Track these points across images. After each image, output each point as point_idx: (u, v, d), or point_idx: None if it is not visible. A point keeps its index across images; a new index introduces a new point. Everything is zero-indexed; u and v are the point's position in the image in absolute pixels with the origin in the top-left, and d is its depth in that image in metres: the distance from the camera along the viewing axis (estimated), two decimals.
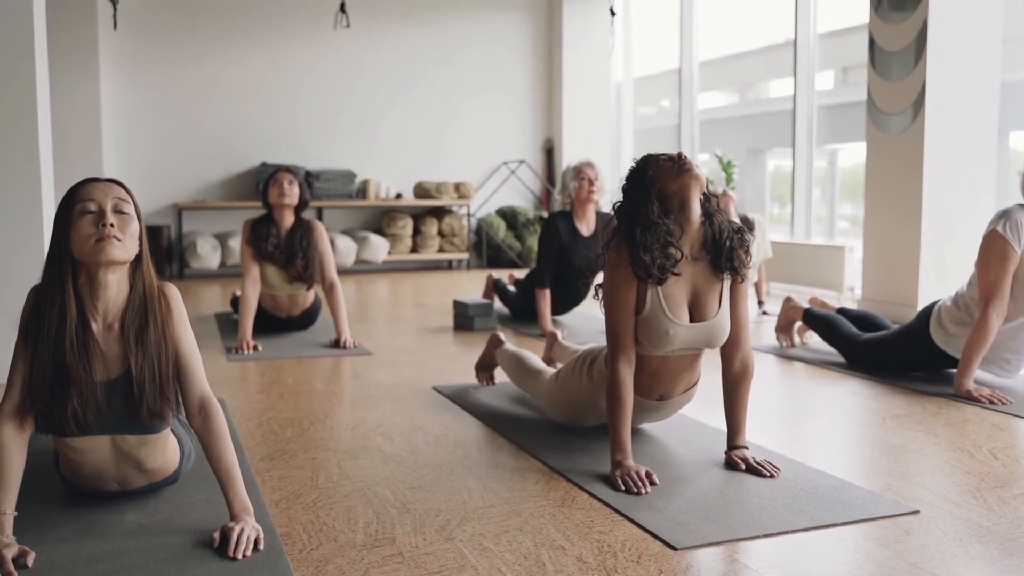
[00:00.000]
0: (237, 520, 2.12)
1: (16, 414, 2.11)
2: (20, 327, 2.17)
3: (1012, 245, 3.52)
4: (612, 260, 2.66)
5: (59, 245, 2.13)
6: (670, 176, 2.62)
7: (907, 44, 5.47)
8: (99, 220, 2.10)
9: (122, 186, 2.20)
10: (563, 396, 3.07)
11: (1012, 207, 3.61)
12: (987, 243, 3.59)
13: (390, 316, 6.18)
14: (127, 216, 2.15)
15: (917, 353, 3.94)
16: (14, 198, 3.95)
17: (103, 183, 2.17)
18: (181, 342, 2.24)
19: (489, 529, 2.22)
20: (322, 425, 3.24)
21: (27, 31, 3.93)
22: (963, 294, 3.76)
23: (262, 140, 9.18)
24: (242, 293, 4.86)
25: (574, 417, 3.08)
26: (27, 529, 2.14)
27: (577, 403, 3.02)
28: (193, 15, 8.92)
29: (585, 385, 2.94)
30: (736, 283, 2.69)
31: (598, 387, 2.86)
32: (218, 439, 2.19)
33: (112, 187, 2.17)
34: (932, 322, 3.86)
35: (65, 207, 2.14)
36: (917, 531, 2.19)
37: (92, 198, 2.13)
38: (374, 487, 2.54)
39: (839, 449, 3.03)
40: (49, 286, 2.13)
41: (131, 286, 2.19)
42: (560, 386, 3.09)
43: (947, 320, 3.79)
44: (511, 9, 9.98)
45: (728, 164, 7.87)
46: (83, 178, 2.21)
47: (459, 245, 9.53)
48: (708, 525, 2.23)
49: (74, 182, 2.20)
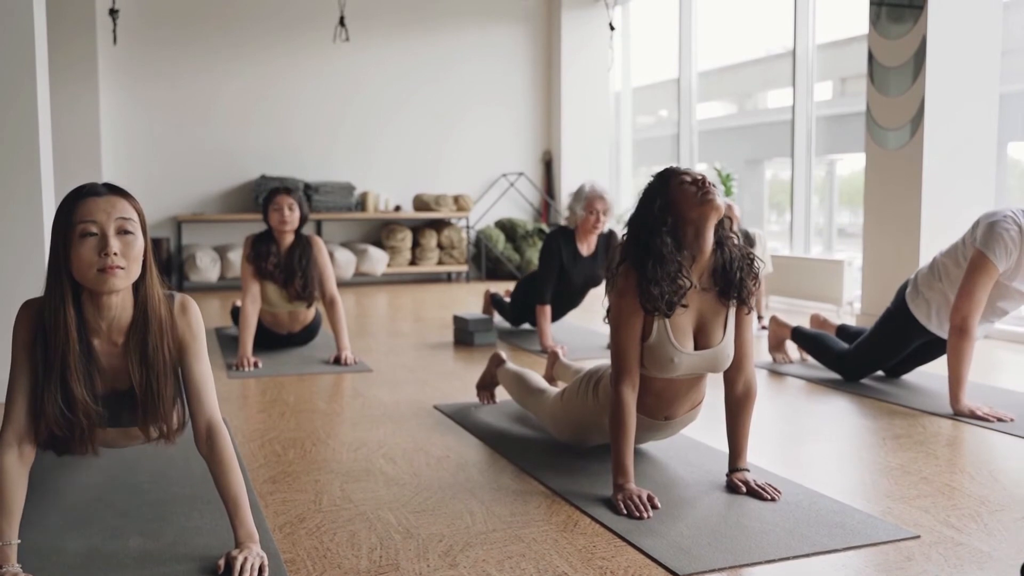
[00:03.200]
0: (242, 548, 2.12)
1: (18, 441, 2.08)
2: (16, 348, 2.11)
3: (998, 267, 3.55)
4: (620, 287, 2.65)
5: (58, 263, 2.05)
6: (691, 203, 2.60)
7: (905, 60, 5.50)
8: (102, 247, 2.02)
9: (124, 196, 2.10)
10: (567, 415, 3.08)
11: (1002, 219, 3.58)
12: (978, 264, 3.58)
13: (390, 331, 6.19)
14: (131, 236, 2.06)
15: (902, 337, 4.01)
16: (15, 214, 3.95)
17: (105, 198, 2.05)
18: (193, 363, 2.21)
19: (492, 555, 2.22)
20: (324, 446, 3.25)
21: (28, 46, 3.94)
22: (939, 260, 3.82)
23: (261, 153, 9.20)
24: (242, 310, 4.86)
25: (578, 436, 3.09)
26: (31, 557, 2.14)
27: (582, 422, 3.02)
28: (192, 29, 8.94)
29: (591, 404, 2.95)
30: (742, 311, 2.70)
31: (604, 407, 2.86)
32: (224, 467, 2.17)
33: (115, 203, 2.05)
34: (909, 292, 3.93)
35: (65, 223, 2.03)
36: (918, 557, 2.20)
37: (94, 219, 2.02)
38: (377, 511, 2.55)
39: (839, 470, 3.04)
40: (52, 307, 2.06)
41: (135, 302, 2.13)
42: (564, 405, 3.10)
43: (923, 286, 3.86)
44: (510, 22, 10.02)
45: (727, 177, 7.90)
46: (84, 189, 2.08)
47: (458, 257, 9.54)
48: (710, 551, 2.24)
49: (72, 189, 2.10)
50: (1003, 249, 3.53)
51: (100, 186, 2.08)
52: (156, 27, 8.82)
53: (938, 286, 3.84)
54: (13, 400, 2.10)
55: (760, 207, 12.36)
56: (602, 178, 10.15)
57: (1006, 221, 3.57)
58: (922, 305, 3.91)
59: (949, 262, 3.80)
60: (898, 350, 4.09)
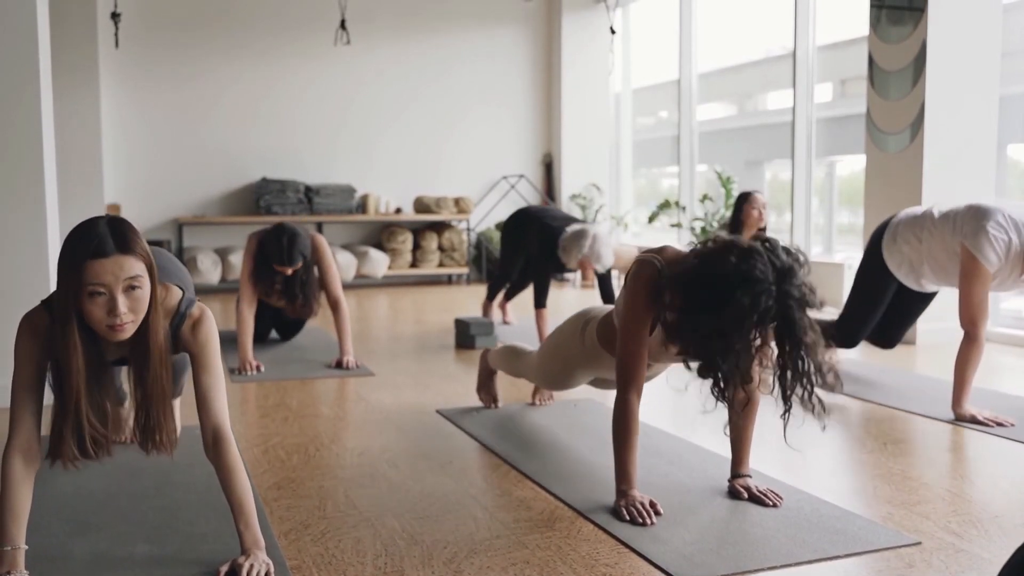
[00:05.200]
0: (248, 554, 2.14)
1: (25, 449, 2.10)
2: (20, 359, 2.13)
3: (991, 270, 3.58)
4: (633, 287, 2.58)
5: (67, 305, 2.03)
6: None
7: (906, 64, 5.51)
8: (110, 307, 2.01)
9: (131, 251, 2.02)
10: (555, 354, 3.20)
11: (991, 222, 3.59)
12: (975, 270, 3.60)
13: (391, 334, 6.21)
14: (139, 291, 2.05)
15: (879, 287, 4.13)
16: (18, 218, 3.96)
17: (112, 259, 1.99)
18: (200, 373, 2.23)
19: (496, 562, 2.24)
20: (328, 451, 3.26)
21: (32, 50, 3.95)
22: (928, 223, 3.86)
23: (262, 155, 9.22)
24: (240, 314, 4.78)
25: (562, 377, 3.22)
26: (38, 562, 2.16)
27: (567, 362, 3.15)
28: (194, 32, 8.96)
29: (577, 344, 3.07)
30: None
31: (588, 351, 3.02)
32: (229, 473, 2.18)
33: (122, 264, 2.00)
34: (886, 239, 4.03)
35: (73, 280, 2.00)
36: (919, 563, 2.22)
37: (102, 282, 1.99)
38: (381, 517, 2.56)
39: (840, 476, 3.06)
40: (64, 335, 2.05)
41: (138, 331, 2.12)
42: (553, 344, 3.22)
43: (902, 239, 3.96)
44: (510, 24, 10.03)
45: (728, 180, 7.91)
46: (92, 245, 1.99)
47: (459, 260, 9.56)
48: (713, 557, 2.25)
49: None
50: (993, 253, 3.56)
51: (108, 242, 2.00)
52: (157, 30, 8.83)
53: (916, 246, 3.91)
54: (18, 409, 2.12)
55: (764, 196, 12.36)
56: (602, 180, 10.18)
57: (997, 230, 3.58)
58: (896, 255, 4.00)
59: (936, 241, 3.83)
60: (878, 302, 4.18)
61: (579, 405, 3.93)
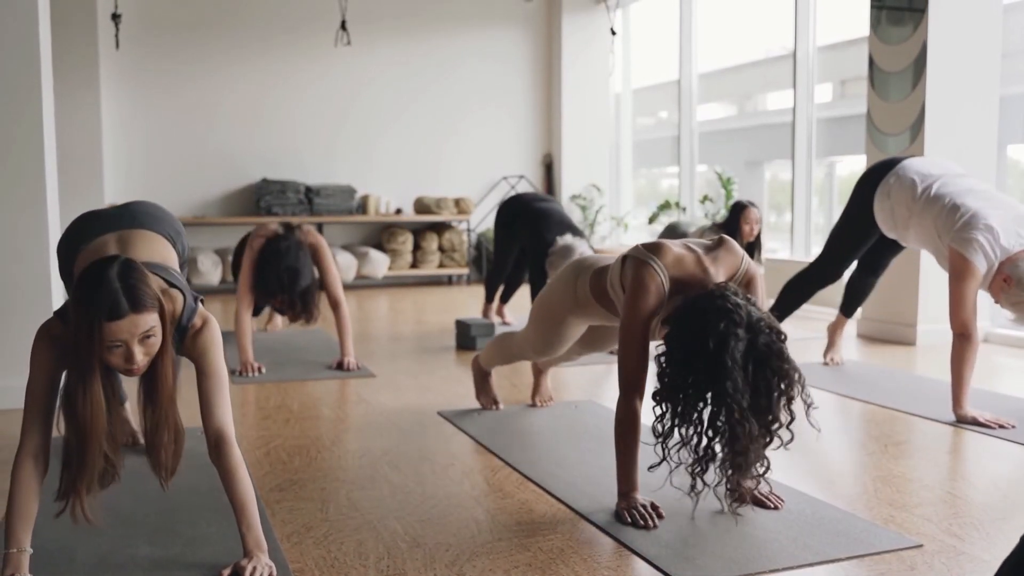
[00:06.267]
0: (250, 557, 2.14)
1: (35, 456, 2.14)
2: (35, 371, 2.15)
3: (981, 271, 3.60)
4: (635, 288, 2.59)
5: (87, 359, 2.04)
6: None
7: (906, 66, 5.51)
8: (127, 357, 2.05)
9: (146, 308, 2.04)
10: (546, 314, 3.21)
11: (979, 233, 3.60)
12: (963, 271, 3.60)
13: (391, 335, 6.22)
14: (153, 338, 2.08)
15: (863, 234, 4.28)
16: (20, 220, 3.96)
17: (128, 320, 2.01)
18: (201, 379, 2.25)
19: (499, 565, 2.24)
20: (329, 453, 3.27)
21: (33, 53, 3.95)
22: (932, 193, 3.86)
23: (263, 156, 9.22)
24: (238, 316, 4.74)
25: (556, 333, 3.22)
26: (41, 565, 2.17)
27: (560, 316, 3.14)
28: (194, 33, 8.96)
29: (569, 298, 3.06)
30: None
31: (580, 301, 2.99)
32: (231, 476, 2.20)
33: (138, 322, 2.03)
34: (880, 192, 4.07)
35: (90, 336, 2.00)
36: (920, 566, 2.22)
37: (118, 340, 2.02)
38: (384, 520, 2.57)
39: (841, 477, 3.06)
40: (85, 392, 2.06)
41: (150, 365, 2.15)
42: (544, 302, 3.22)
43: (896, 199, 4.00)
44: (511, 25, 10.03)
45: (728, 181, 7.92)
46: (106, 306, 1.99)
47: (459, 260, 9.56)
48: (715, 560, 2.26)
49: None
50: (983, 257, 3.57)
51: (122, 303, 2.01)
52: (158, 31, 8.83)
53: (905, 214, 3.96)
54: (31, 418, 2.16)
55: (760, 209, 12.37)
56: (602, 180, 10.18)
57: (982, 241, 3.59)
58: (886, 211, 4.05)
59: (926, 219, 3.87)
60: (860, 246, 4.35)
61: (580, 406, 3.94)
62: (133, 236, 2.60)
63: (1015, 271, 3.53)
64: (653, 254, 2.59)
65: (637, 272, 2.60)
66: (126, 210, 2.79)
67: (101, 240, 2.59)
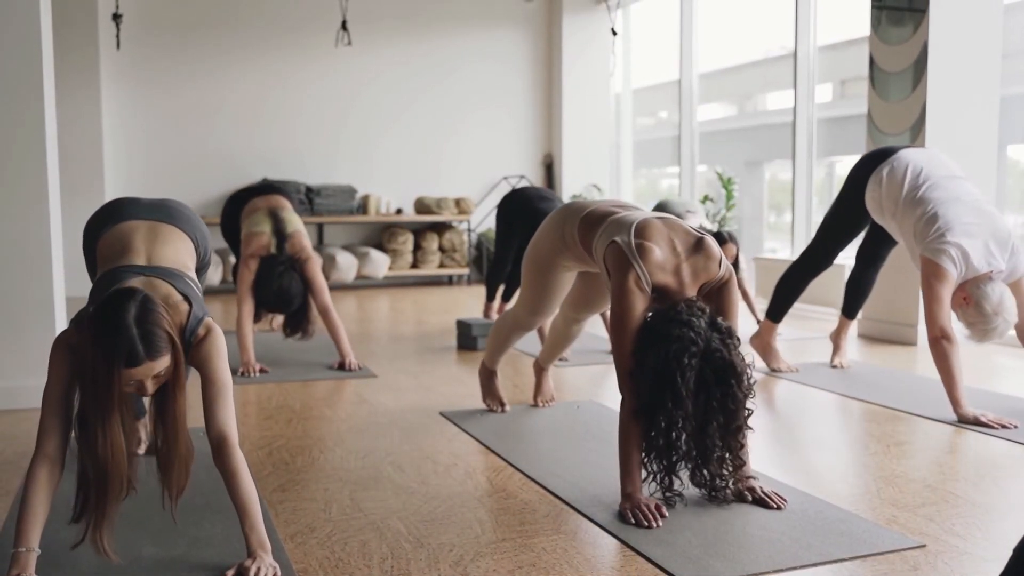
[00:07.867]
0: (254, 557, 2.15)
1: (52, 459, 2.17)
2: (53, 380, 2.19)
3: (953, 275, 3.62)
4: (623, 284, 2.63)
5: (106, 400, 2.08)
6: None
7: (906, 66, 5.52)
8: (140, 388, 2.14)
9: (160, 352, 2.11)
10: (537, 266, 3.28)
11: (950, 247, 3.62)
12: (941, 274, 3.61)
13: (392, 335, 6.22)
14: (164, 373, 2.16)
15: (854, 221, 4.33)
16: (22, 220, 3.96)
17: (144, 367, 2.09)
18: (204, 384, 2.28)
19: (503, 565, 2.25)
20: (332, 453, 3.27)
21: (35, 53, 3.95)
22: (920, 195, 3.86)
23: (263, 156, 9.23)
24: (239, 319, 4.73)
25: (548, 284, 3.30)
26: (45, 566, 2.17)
27: (550, 263, 3.21)
28: (195, 34, 8.96)
29: (558, 244, 3.11)
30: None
31: (569, 245, 3.06)
32: (234, 478, 2.21)
33: (152, 367, 2.11)
34: (872, 180, 4.08)
35: (107, 379, 2.06)
36: (923, 566, 2.22)
37: (135, 380, 2.11)
38: (387, 520, 2.57)
39: (843, 477, 3.06)
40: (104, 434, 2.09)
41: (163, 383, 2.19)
42: (533, 253, 3.28)
43: (886, 194, 4.01)
44: (511, 25, 10.04)
45: (728, 181, 7.92)
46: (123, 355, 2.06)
47: (460, 260, 9.57)
48: (718, 560, 2.26)
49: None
50: (952, 263, 3.61)
51: (138, 351, 2.07)
52: (159, 32, 8.84)
53: (892, 208, 3.98)
54: (48, 422, 2.19)
55: (760, 209, 12.40)
56: (602, 181, 10.18)
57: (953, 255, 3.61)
58: (876, 200, 4.07)
59: (905, 220, 3.89)
60: (852, 232, 4.40)
61: (582, 406, 3.94)
62: (163, 230, 2.66)
63: (975, 292, 3.59)
64: (638, 255, 2.63)
65: (621, 274, 2.65)
66: (164, 204, 2.85)
67: (133, 224, 2.66)
